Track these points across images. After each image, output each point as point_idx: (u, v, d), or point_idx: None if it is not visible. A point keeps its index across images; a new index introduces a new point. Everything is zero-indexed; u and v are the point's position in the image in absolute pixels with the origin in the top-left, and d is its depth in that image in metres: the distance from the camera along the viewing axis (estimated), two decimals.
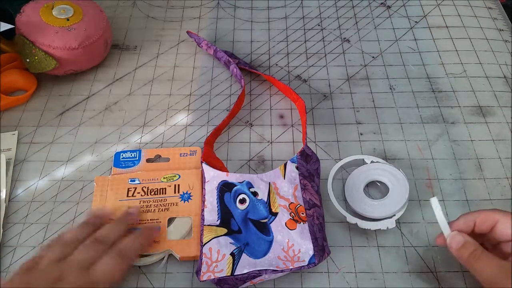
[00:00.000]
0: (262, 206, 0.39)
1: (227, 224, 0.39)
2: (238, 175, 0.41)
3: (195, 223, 0.40)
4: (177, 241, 0.39)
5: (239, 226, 0.39)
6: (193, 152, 0.45)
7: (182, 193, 0.41)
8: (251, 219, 0.39)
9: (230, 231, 0.39)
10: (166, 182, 0.42)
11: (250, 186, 0.41)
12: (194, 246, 0.39)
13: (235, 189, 0.41)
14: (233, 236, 0.38)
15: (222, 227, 0.39)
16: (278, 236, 0.38)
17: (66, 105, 0.52)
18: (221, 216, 0.40)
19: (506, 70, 0.54)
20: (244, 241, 0.38)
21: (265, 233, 0.38)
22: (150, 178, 0.42)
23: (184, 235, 0.39)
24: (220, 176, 0.42)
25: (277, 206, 0.39)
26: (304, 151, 0.43)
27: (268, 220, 0.39)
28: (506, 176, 0.44)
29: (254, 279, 0.36)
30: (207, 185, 0.41)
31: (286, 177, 0.41)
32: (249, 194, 0.40)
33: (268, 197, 0.40)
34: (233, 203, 0.40)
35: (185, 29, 0.60)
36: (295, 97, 0.49)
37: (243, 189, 0.40)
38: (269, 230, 0.38)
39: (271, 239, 0.38)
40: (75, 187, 0.44)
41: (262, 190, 0.40)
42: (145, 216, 0.40)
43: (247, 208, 0.40)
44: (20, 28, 0.49)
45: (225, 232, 0.39)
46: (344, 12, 0.62)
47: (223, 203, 0.40)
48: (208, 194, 0.41)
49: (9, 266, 0.39)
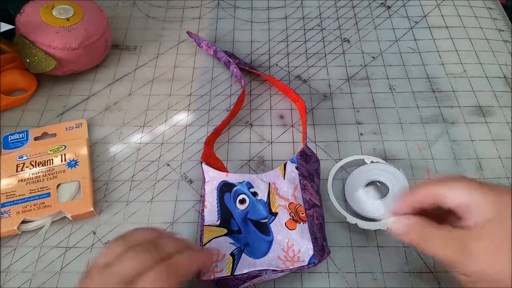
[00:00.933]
0: (262, 206, 0.39)
1: (227, 224, 0.39)
2: (238, 175, 0.41)
3: (84, 184, 0.43)
4: (67, 203, 0.42)
5: (239, 226, 0.39)
6: (79, 125, 0.48)
7: (69, 161, 0.45)
8: (251, 219, 0.39)
9: (230, 231, 0.39)
10: (52, 154, 0.45)
11: (250, 186, 0.41)
12: (83, 204, 0.42)
13: (235, 189, 0.41)
14: (233, 236, 0.38)
15: (222, 227, 0.39)
16: (278, 236, 0.38)
17: (66, 105, 0.52)
18: (221, 216, 0.40)
19: (506, 70, 0.54)
20: (244, 241, 0.38)
21: (265, 233, 0.38)
22: (38, 152, 0.46)
23: (72, 196, 0.42)
24: (220, 177, 0.42)
25: (277, 206, 0.39)
26: (304, 151, 0.42)
27: (268, 220, 0.39)
28: (506, 176, 0.44)
29: (254, 279, 0.36)
30: (207, 186, 0.42)
31: (286, 177, 0.41)
32: (249, 194, 0.40)
33: (268, 197, 0.40)
34: (233, 203, 0.40)
35: (185, 29, 0.60)
36: (295, 97, 0.49)
37: (243, 189, 0.40)
38: (269, 230, 0.38)
39: (271, 239, 0.38)
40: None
41: (262, 190, 0.40)
42: (36, 186, 0.43)
43: (247, 208, 0.40)
44: (20, 28, 0.49)
45: (225, 232, 0.39)
46: (344, 12, 0.62)
47: (223, 203, 0.40)
48: (208, 195, 0.41)
49: (9, 266, 0.39)
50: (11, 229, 0.40)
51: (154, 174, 0.45)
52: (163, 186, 0.44)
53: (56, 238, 0.41)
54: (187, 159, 0.46)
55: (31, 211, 0.41)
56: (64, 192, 0.43)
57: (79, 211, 0.42)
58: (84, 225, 0.42)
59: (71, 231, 0.42)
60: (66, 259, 0.40)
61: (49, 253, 0.40)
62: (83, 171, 0.44)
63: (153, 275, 0.30)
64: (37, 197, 0.42)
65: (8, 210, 0.41)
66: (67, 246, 0.41)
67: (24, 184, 0.43)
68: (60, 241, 0.41)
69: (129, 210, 0.43)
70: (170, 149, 0.47)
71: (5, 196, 0.42)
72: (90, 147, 0.47)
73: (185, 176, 0.45)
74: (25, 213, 0.41)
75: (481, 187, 0.31)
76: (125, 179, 0.45)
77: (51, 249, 0.40)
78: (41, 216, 0.41)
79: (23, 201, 0.42)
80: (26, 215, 0.41)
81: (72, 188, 0.43)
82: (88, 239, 0.41)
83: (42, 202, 0.42)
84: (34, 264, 0.39)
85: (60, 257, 0.40)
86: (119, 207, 0.43)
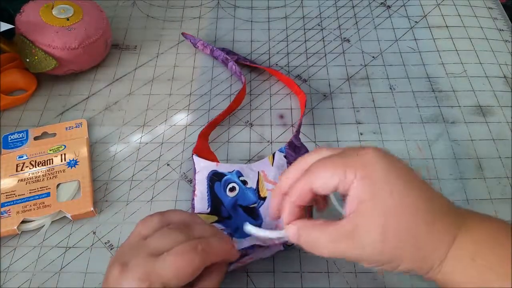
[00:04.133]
0: (251, 193, 0.41)
1: (217, 211, 0.40)
2: (228, 165, 0.42)
3: (84, 184, 0.43)
4: (67, 202, 0.42)
5: (229, 213, 0.40)
6: (79, 125, 0.48)
7: (69, 161, 0.45)
8: (241, 205, 0.40)
9: (220, 218, 0.40)
10: (52, 153, 0.45)
11: (239, 175, 0.42)
12: (83, 204, 0.42)
13: (225, 178, 0.42)
14: (224, 222, 0.39)
15: (213, 215, 0.40)
16: (267, 219, 0.39)
17: (66, 105, 0.51)
18: (211, 204, 0.40)
19: (506, 70, 0.54)
20: (234, 226, 0.39)
21: (254, 218, 0.39)
22: (37, 152, 0.46)
23: (72, 196, 0.42)
24: (210, 166, 0.42)
25: (265, 191, 0.40)
26: (293, 141, 0.43)
27: (257, 204, 0.40)
28: (507, 175, 0.44)
29: (243, 259, 0.36)
30: (197, 175, 0.42)
31: (274, 164, 0.42)
32: (239, 183, 0.41)
33: (257, 185, 0.41)
34: (223, 191, 0.41)
35: (185, 29, 0.60)
36: (297, 89, 0.50)
37: (233, 178, 0.41)
38: (258, 214, 0.39)
39: (260, 222, 0.39)
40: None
41: (252, 179, 0.41)
42: (35, 186, 0.43)
43: (237, 195, 0.41)
44: (20, 28, 0.49)
45: (215, 219, 0.39)
46: (344, 12, 0.62)
47: (213, 192, 0.41)
48: (198, 184, 0.42)
49: (9, 266, 0.39)
50: (11, 228, 0.40)
51: (154, 173, 0.45)
52: (163, 186, 0.44)
53: (56, 238, 0.41)
54: (187, 159, 0.46)
55: (31, 211, 0.41)
56: (64, 191, 0.43)
57: (79, 210, 0.42)
58: (84, 225, 0.42)
59: (71, 231, 0.42)
60: (66, 259, 0.40)
61: (49, 253, 0.40)
62: (83, 171, 0.44)
63: (181, 248, 0.30)
64: (37, 196, 0.42)
65: (8, 210, 0.41)
66: (67, 246, 0.41)
67: (24, 184, 0.43)
68: (60, 241, 0.41)
69: (129, 209, 0.43)
70: (170, 148, 0.47)
71: (5, 196, 0.42)
72: (90, 147, 0.47)
73: (185, 176, 0.45)
74: (25, 213, 0.41)
75: (344, 165, 0.29)
76: (125, 178, 0.45)
77: (51, 249, 0.40)
78: (41, 216, 0.41)
79: (23, 201, 0.42)
80: (26, 214, 0.41)
81: (72, 187, 0.43)
82: (88, 239, 0.41)
83: (42, 201, 0.42)
84: (34, 264, 0.39)
85: (60, 257, 0.40)
86: (119, 207, 0.43)
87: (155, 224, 0.33)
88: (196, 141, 0.46)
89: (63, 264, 0.39)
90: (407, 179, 0.29)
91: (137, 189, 0.44)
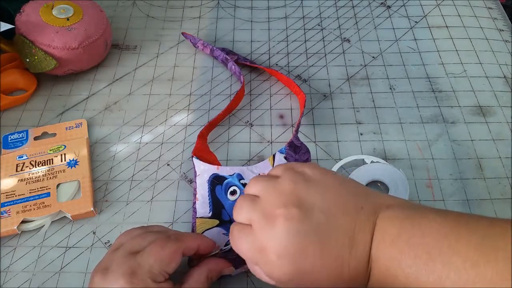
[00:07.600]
0: None
1: (219, 215, 0.40)
2: (228, 168, 0.42)
3: (84, 184, 0.43)
4: (67, 202, 0.42)
5: (230, 216, 0.40)
6: (79, 125, 0.48)
7: (69, 161, 0.45)
8: None
9: (222, 221, 0.40)
10: (52, 153, 0.45)
11: (240, 178, 0.42)
12: (83, 204, 0.42)
13: (226, 181, 0.42)
14: (225, 226, 0.39)
15: (214, 219, 0.40)
16: None
17: (66, 105, 0.51)
18: (212, 208, 0.40)
19: (506, 70, 0.54)
20: None
21: None
22: (37, 152, 0.46)
23: (72, 196, 0.42)
24: (210, 170, 0.42)
25: None
26: (293, 142, 0.43)
27: None
28: (507, 175, 0.44)
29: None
30: (198, 179, 0.42)
31: (275, 165, 0.42)
32: (240, 186, 0.41)
33: None
34: (224, 195, 0.41)
35: (185, 29, 0.60)
36: (297, 90, 0.50)
37: (234, 181, 0.42)
38: None
39: None
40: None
41: None
42: (35, 186, 0.43)
43: (238, 198, 0.40)
44: (20, 28, 0.49)
45: (217, 223, 0.40)
46: (344, 12, 0.62)
47: (215, 195, 0.41)
48: (199, 188, 0.42)
49: (9, 266, 0.39)
50: (11, 228, 0.40)
51: (154, 173, 0.45)
52: (163, 186, 0.44)
53: (56, 238, 0.41)
54: (187, 159, 0.46)
55: (31, 211, 0.41)
56: (64, 191, 0.43)
57: (79, 210, 0.42)
58: (84, 225, 0.42)
59: (71, 231, 0.42)
60: (66, 259, 0.40)
61: (49, 253, 0.40)
62: (83, 171, 0.44)
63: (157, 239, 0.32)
64: (37, 196, 0.42)
65: (8, 209, 0.41)
66: (67, 246, 0.41)
67: (24, 184, 0.43)
68: (60, 241, 0.41)
69: (129, 209, 0.43)
70: (170, 148, 0.47)
71: (5, 195, 0.42)
72: (90, 147, 0.47)
73: (185, 176, 0.45)
74: (25, 213, 0.41)
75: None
76: (125, 178, 0.45)
77: (51, 249, 0.40)
78: (41, 215, 0.41)
79: (23, 201, 0.42)
80: (26, 214, 0.41)
81: (72, 187, 0.43)
82: (88, 239, 0.41)
83: (42, 201, 0.42)
84: (34, 264, 0.39)
85: (60, 257, 0.40)
86: (119, 207, 0.43)
87: (135, 234, 0.34)
88: (196, 141, 0.46)
89: (63, 264, 0.39)
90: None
91: (137, 189, 0.44)
